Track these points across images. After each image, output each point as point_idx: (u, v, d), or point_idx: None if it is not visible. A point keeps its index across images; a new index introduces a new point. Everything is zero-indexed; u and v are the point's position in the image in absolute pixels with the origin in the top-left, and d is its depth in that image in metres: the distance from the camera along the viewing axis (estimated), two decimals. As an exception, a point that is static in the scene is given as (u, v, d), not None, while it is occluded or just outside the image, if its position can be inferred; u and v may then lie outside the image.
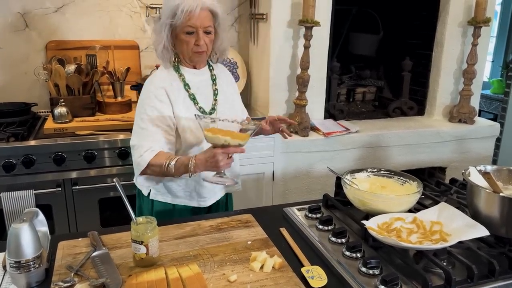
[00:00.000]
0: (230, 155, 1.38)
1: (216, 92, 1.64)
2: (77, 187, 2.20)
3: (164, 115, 1.53)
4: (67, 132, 2.26)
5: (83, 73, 2.45)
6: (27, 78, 2.59)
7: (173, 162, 1.42)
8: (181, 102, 1.56)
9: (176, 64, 1.59)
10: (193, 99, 1.59)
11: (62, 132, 2.26)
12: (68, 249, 1.21)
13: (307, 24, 2.41)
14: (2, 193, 2.09)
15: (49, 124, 2.31)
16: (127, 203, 1.18)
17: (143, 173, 1.50)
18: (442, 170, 2.92)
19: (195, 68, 1.62)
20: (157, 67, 2.23)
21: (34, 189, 2.14)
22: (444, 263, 1.13)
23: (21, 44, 2.54)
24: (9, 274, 1.07)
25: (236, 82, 2.86)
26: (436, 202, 1.41)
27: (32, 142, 2.14)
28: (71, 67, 2.43)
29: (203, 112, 1.60)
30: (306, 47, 2.49)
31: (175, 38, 1.53)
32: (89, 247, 1.22)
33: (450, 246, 1.15)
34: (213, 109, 1.63)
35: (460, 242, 1.16)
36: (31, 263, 1.06)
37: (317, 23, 2.42)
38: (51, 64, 2.42)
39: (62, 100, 2.34)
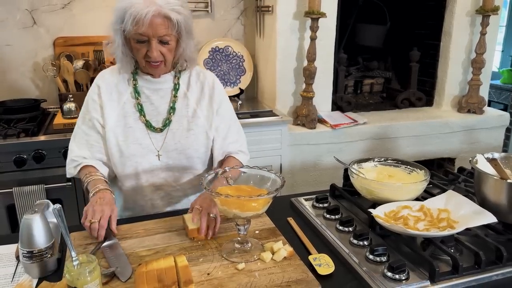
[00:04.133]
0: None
1: (173, 105, 1.45)
2: (87, 181, 2.22)
3: (91, 115, 1.41)
4: (76, 127, 2.28)
5: (91, 68, 2.48)
6: (36, 75, 2.62)
7: (86, 182, 1.36)
8: (116, 106, 1.41)
9: (136, 69, 1.43)
10: (140, 110, 1.42)
11: (71, 127, 2.25)
12: (79, 240, 1.23)
13: (313, 15, 2.41)
14: (14, 188, 2.12)
15: (59, 120, 2.33)
16: (66, 235, 0.99)
17: None
18: (451, 161, 2.91)
19: (152, 75, 1.43)
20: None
21: (45, 184, 2.17)
22: (452, 250, 1.13)
23: (29, 41, 2.57)
24: (22, 264, 1.09)
25: (242, 75, 2.91)
26: (443, 191, 1.40)
27: (42, 138, 2.17)
28: (79, 63, 2.45)
29: (150, 127, 1.43)
30: (313, 39, 2.49)
31: (130, 44, 1.34)
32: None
33: (458, 233, 1.15)
34: (166, 125, 1.44)
35: (467, 229, 1.15)
36: (44, 252, 1.08)
37: (323, 15, 2.42)
38: (59, 60, 2.45)
39: (70, 95, 2.36)
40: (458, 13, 2.78)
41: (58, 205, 0.97)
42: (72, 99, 2.35)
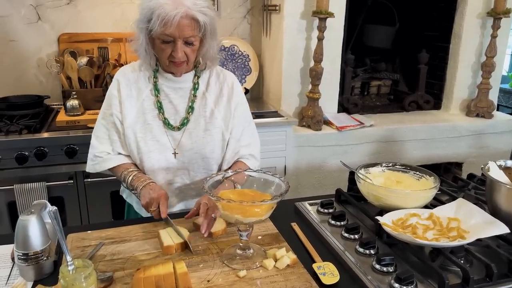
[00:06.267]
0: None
1: (191, 104, 1.44)
2: (89, 179, 2.20)
3: (111, 111, 1.41)
4: (79, 124, 2.26)
5: (95, 65, 2.45)
6: (40, 71, 2.60)
7: (128, 179, 1.39)
8: (135, 103, 1.42)
9: (157, 67, 1.43)
10: (159, 107, 1.43)
11: (74, 124, 2.26)
12: (77, 242, 1.20)
13: (321, 15, 2.37)
14: (15, 185, 2.10)
15: (61, 117, 2.31)
16: (62, 238, 0.95)
17: None
18: (458, 165, 2.86)
19: (173, 74, 1.43)
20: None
21: (46, 181, 2.14)
22: (462, 261, 1.09)
23: (33, 36, 2.54)
24: (17, 266, 1.06)
25: (248, 75, 2.87)
26: (453, 198, 1.36)
27: (44, 135, 2.14)
28: (83, 60, 2.42)
29: (168, 125, 1.43)
30: (320, 39, 2.45)
31: (153, 43, 1.34)
32: (98, 240, 1.21)
33: (468, 244, 1.11)
34: (183, 124, 1.44)
35: (478, 240, 1.11)
36: (39, 255, 1.05)
37: (331, 14, 2.38)
38: (63, 57, 2.42)
39: (74, 92, 2.34)
40: (469, 15, 2.73)
41: (54, 208, 0.93)
42: (76, 96, 2.33)
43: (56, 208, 0.94)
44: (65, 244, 0.92)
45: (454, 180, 1.56)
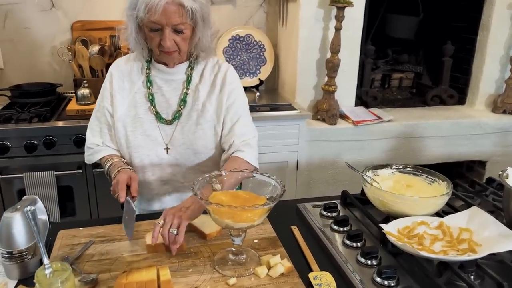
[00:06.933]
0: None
1: (184, 98, 1.38)
2: (98, 170, 2.18)
3: (103, 103, 1.39)
4: (89, 114, 2.20)
5: (106, 54, 2.41)
6: (53, 59, 2.58)
7: (106, 168, 1.36)
8: (127, 96, 1.38)
9: (149, 57, 1.38)
10: (151, 100, 1.37)
11: (84, 113, 2.23)
12: (67, 239, 1.16)
13: (339, 4, 2.26)
14: (24, 174, 2.09)
15: (72, 106, 2.29)
16: (39, 240, 0.91)
17: None
18: (482, 164, 2.72)
19: (166, 65, 1.37)
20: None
21: (55, 170, 2.13)
22: (472, 277, 1.00)
23: (47, 24, 2.52)
24: (2, 265, 1.03)
25: (263, 66, 2.78)
26: (468, 205, 1.26)
27: (54, 124, 2.13)
28: (95, 48, 2.39)
29: (160, 118, 1.37)
30: (337, 29, 2.34)
31: (143, 32, 1.28)
32: (88, 238, 1.17)
33: (480, 258, 1.01)
34: (175, 118, 1.38)
35: (492, 254, 1.02)
36: (24, 253, 1.02)
37: (349, 3, 2.26)
38: (75, 45, 2.39)
39: (85, 81, 2.31)
40: (498, 6, 2.56)
41: (31, 208, 0.89)
42: (87, 84, 2.30)
43: (34, 208, 0.89)
44: (42, 246, 0.88)
45: (471, 184, 1.46)
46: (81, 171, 2.17)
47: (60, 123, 2.13)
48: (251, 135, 1.43)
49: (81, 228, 1.21)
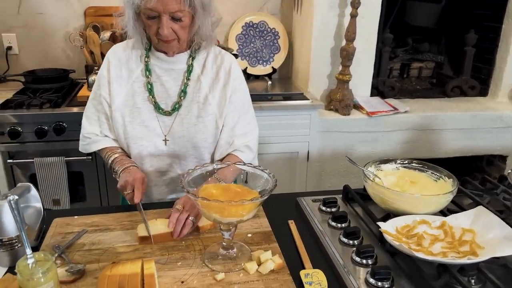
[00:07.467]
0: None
1: (184, 88, 1.34)
2: (107, 156, 2.18)
3: (100, 91, 1.35)
4: (100, 100, 2.23)
5: (117, 40, 2.39)
6: (67, 45, 2.59)
7: (109, 161, 1.35)
8: (125, 84, 1.34)
9: (149, 45, 1.35)
10: (150, 89, 1.33)
11: (95, 100, 2.23)
12: (60, 227, 1.16)
13: (355, -10, 2.18)
14: (35, 159, 2.12)
15: (83, 92, 2.29)
16: (21, 229, 0.87)
17: None
18: (503, 158, 2.61)
19: (165, 53, 1.33)
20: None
21: (65, 156, 2.14)
22: (473, 281, 0.95)
23: (61, 9, 2.53)
24: (-7, 252, 1.03)
25: (276, 53, 2.72)
26: (476, 203, 1.20)
27: (64, 110, 2.13)
28: (106, 34, 2.38)
29: (159, 109, 1.34)
30: (353, 16, 2.26)
31: (141, 19, 1.24)
32: (82, 226, 1.16)
33: (483, 261, 0.96)
34: (175, 109, 1.34)
35: (495, 257, 0.96)
36: (14, 241, 1.02)
37: (366, -11, 2.18)
38: (86, 31, 2.39)
39: (96, 67, 2.31)
40: (526, -8, 2.43)
41: (14, 197, 0.88)
42: (98, 71, 2.29)
43: (17, 197, 0.88)
44: (24, 235, 0.87)
45: (482, 182, 1.38)
46: (91, 157, 2.18)
47: (70, 109, 2.14)
48: (252, 135, 1.42)
49: (76, 217, 1.21)
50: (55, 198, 2.19)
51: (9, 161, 2.12)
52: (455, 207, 1.21)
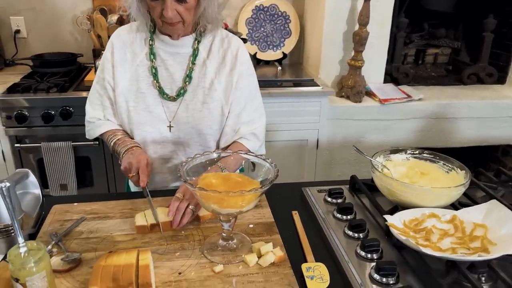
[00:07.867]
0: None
1: (189, 73, 1.30)
2: (114, 141, 2.16)
3: (104, 75, 1.32)
4: (107, 85, 2.21)
5: (125, 23, 2.34)
6: (75, 28, 2.56)
7: (111, 143, 1.31)
8: (129, 68, 1.31)
9: (152, 28, 1.30)
10: (154, 74, 1.30)
11: (102, 84, 2.21)
12: (59, 215, 1.14)
13: (368, -28, 2.10)
14: (42, 143, 2.11)
15: (90, 76, 2.27)
16: (13, 218, 0.84)
17: None
18: (520, 149, 2.52)
19: (170, 36, 1.29)
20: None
21: (72, 141, 2.13)
22: (483, 278, 0.90)
23: (69, -8, 2.50)
24: (-10, 238, 1.02)
25: (287, 38, 2.65)
26: (490, 197, 1.14)
27: (70, 94, 2.11)
28: (114, 18, 2.35)
29: (163, 94, 1.30)
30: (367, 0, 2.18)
31: (145, 0, 1.20)
32: (81, 214, 1.14)
33: (495, 258, 0.91)
34: (180, 95, 1.31)
35: (507, 255, 0.91)
36: (10, 228, 1.00)
37: (380, -28, 2.10)
38: (94, 14, 2.36)
39: (103, 51, 2.27)
40: (550, -26, 2.31)
41: (6, 184, 0.86)
42: (105, 55, 2.27)
43: (9, 184, 0.86)
44: (16, 224, 0.84)
45: (496, 174, 1.32)
46: (98, 142, 2.16)
47: (77, 94, 2.12)
48: (259, 123, 1.38)
49: (75, 204, 1.19)
50: (62, 183, 2.19)
51: (16, 145, 2.12)
52: (467, 200, 1.15)
